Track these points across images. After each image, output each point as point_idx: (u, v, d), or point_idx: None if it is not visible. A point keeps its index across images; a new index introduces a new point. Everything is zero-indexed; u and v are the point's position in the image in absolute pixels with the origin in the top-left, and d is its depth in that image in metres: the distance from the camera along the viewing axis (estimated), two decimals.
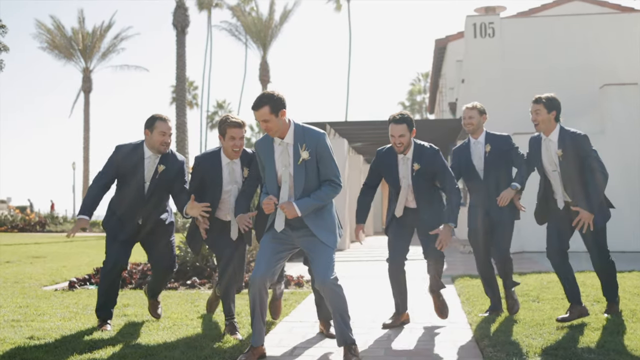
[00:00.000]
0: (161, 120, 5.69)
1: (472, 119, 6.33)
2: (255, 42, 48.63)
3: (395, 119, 5.66)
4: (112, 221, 5.88)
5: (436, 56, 27.89)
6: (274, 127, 4.66)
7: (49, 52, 46.46)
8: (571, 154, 5.65)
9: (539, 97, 5.82)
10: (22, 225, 34.82)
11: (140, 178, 5.73)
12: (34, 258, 13.94)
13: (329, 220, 4.81)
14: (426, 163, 5.70)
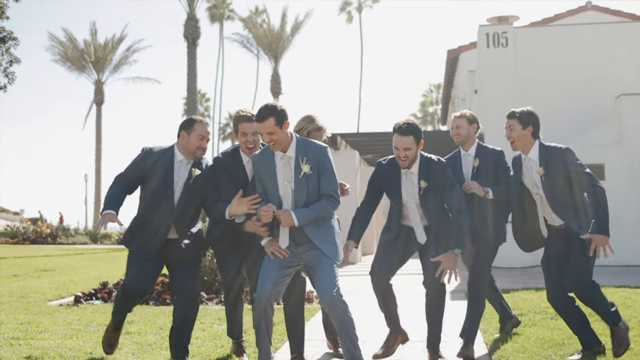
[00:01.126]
0: (200, 123, 5.14)
1: (459, 129, 5.70)
2: (267, 54, 48.67)
3: (401, 129, 5.00)
4: (136, 237, 5.13)
5: (448, 67, 27.65)
6: (278, 140, 4.50)
7: (61, 65, 46.75)
8: (555, 171, 5.04)
9: (512, 111, 5.24)
10: (33, 237, 34.84)
11: (169, 185, 5.07)
12: (42, 271, 13.81)
13: (331, 233, 4.66)
14: (435, 179, 5.08)
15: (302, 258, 4.66)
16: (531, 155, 5.19)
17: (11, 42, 25.91)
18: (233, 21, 56.24)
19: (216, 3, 55.60)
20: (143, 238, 5.09)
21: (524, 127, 5.17)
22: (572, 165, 5.01)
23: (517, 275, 12.27)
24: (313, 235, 4.57)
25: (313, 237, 4.57)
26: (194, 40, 33.08)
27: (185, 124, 5.17)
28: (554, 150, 5.10)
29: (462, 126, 5.71)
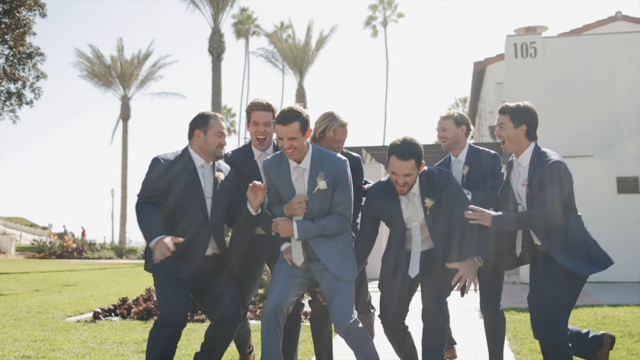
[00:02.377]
0: (215, 118, 4.55)
1: (446, 132, 5.08)
2: (292, 68, 48.66)
3: (400, 152, 4.26)
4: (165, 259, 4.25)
5: (475, 79, 27.30)
6: (299, 147, 4.19)
7: (88, 80, 47.14)
8: (538, 186, 4.28)
9: (505, 105, 4.52)
10: (59, 252, 35.02)
11: (200, 194, 4.45)
12: (63, 286, 13.71)
13: (340, 250, 4.30)
14: (441, 194, 4.38)
15: (316, 275, 4.37)
16: (522, 159, 4.45)
17: (38, 57, 26.10)
18: (259, 36, 56.49)
19: (242, 19, 55.88)
20: (176, 258, 4.28)
21: (516, 125, 4.42)
22: (550, 179, 4.23)
23: None
24: (320, 252, 4.27)
25: (320, 254, 4.27)
26: (218, 55, 33.14)
27: (198, 122, 4.57)
28: (544, 161, 4.32)
29: (448, 128, 5.10)
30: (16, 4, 21.64)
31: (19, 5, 21.70)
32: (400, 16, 57.25)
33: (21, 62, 25.79)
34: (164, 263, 4.22)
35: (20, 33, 22.65)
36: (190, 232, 4.38)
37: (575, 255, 4.26)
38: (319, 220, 4.24)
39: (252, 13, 56.65)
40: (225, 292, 4.53)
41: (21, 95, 24.86)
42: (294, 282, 4.30)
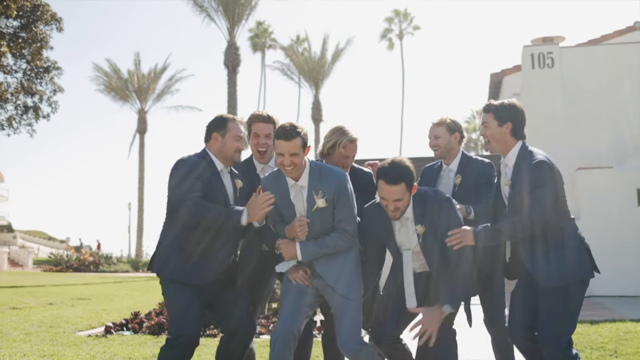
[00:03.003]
0: (234, 122, 4.37)
1: (438, 140, 4.79)
2: (308, 81, 48.68)
3: (389, 176, 3.95)
4: (186, 267, 4.15)
5: (491, 91, 27.03)
6: (299, 164, 4.03)
7: (105, 94, 47.46)
8: (523, 187, 3.99)
9: (489, 103, 4.29)
10: (76, 265, 35.11)
11: (226, 199, 4.29)
12: (77, 300, 13.65)
13: (343, 267, 4.13)
14: (434, 221, 4.07)
15: (323, 292, 4.21)
16: (508, 159, 4.19)
17: (55, 71, 26.30)
18: (275, 50, 56.59)
19: (258, 32, 56.03)
20: (195, 263, 4.17)
21: (500, 123, 4.19)
22: (536, 181, 3.94)
23: None
24: (323, 270, 4.13)
25: (323, 273, 4.12)
26: (234, 68, 33.21)
27: (216, 124, 4.37)
28: (528, 160, 4.05)
29: (441, 136, 4.80)
30: (33, 19, 21.79)
31: (36, 20, 21.85)
32: (416, 29, 57.18)
33: (38, 76, 25.99)
34: (182, 268, 4.12)
35: (37, 47, 22.82)
36: (212, 236, 4.18)
37: (554, 263, 3.99)
38: (322, 239, 4.09)
39: (269, 27, 56.79)
40: (239, 302, 4.38)
41: (38, 109, 25.06)
42: (303, 302, 4.16)
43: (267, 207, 4.10)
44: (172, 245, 4.22)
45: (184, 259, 4.17)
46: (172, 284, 4.21)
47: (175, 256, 4.19)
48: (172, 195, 4.22)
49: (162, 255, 4.23)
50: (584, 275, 4.06)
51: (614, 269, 11.88)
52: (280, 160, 4.02)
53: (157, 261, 4.28)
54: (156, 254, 4.32)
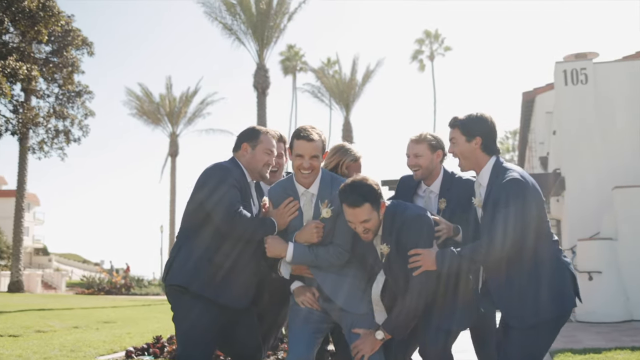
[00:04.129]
0: (266, 135, 4.14)
1: (419, 159, 4.22)
2: (338, 103, 48.61)
3: (349, 199, 3.64)
4: (214, 280, 3.89)
5: (524, 110, 26.62)
6: (317, 168, 3.87)
7: (138, 118, 47.94)
8: (490, 209, 3.63)
9: (454, 117, 3.91)
10: (108, 288, 35.25)
11: (256, 211, 4.07)
12: (103, 323, 13.53)
13: (354, 286, 3.90)
14: (399, 240, 3.72)
15: (333, 315, 3.98)
16: (482, 177, 3.81)
17: (86, 95, 26.66)
18: (305, 72, 56.78)
19: (289, 56, 56.33)
20: (228, 283, 3.90)
21: (469, 138, 3.81)
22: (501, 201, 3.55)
23: (609, 331, 11.04)
24: (331, 292, 3.88)
25: (331, 295, 3.88)
26: (263, 90, 33.25)
27: (247, 135, 4.15)
28: (501, 177, 3.66)
29: (422, 154, 4.23)
30: (64, 44, 22.08)
31: (67, 45, 22.15)
32: (447, 50, 56.94)
33: (70, 100, 26.35)
34: (212, 284, 3.84)
35: (69, 72, 23.10)
36: (241, 250, 3.95)
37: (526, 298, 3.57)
38: (316, 247, 3.86)
39: (299, 50, 57.12)
40: (250, 327, 4.15)
41: (68, 133, 25.38)
42: (312, 328, 3.92)
43: (292, 215, 3.93)
44: (203, 257, 3.91)
45: (213, 274, 3.89)
46: (199, 301, 3.88)
47: (207, 269, 3.89)
48: (207, 200, 3.90)
49: (191, 266, 3.90)
50: (561, 311, 3.66)
51: None
52: (299, 163, 3.84)
53: (182, 272, 3.91)
54: (179, 264, 3.94)
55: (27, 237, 57.45)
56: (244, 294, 4.02)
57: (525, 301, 3.57)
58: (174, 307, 3.99)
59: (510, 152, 70.36)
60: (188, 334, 3.91)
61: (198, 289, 3.87)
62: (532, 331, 3.59)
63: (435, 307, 3.77)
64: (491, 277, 3.70)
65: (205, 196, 3.91)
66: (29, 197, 59.86)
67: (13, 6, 17.51)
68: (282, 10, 32.80)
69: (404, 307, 3.67)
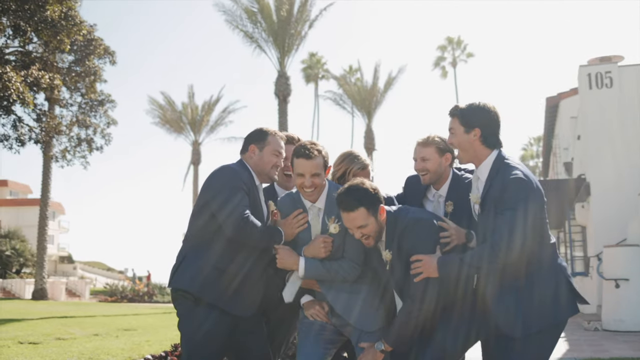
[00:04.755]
0: (275, 136, 4.03)
1: (426, 162, 4.03)
2: (360, 110, 48.48)
3: (343, 203, 3.54)
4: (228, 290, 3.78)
5: (548, 115, 26.28)
6: (320, 185, 3.75)
7: (160, 127, 48.20)
8: (491, 209, 3.43)
9: (454, 106, 3.70)
10: (131, 296, 35.37)
11: (261, 218, 3.90)
12: (123, 331, 13.50)
13: (364, 301, 3.76)
14: (401, 246, 3.56)
15: (342, 330, 3.86)
16: (480, 171, 3.59)
17: (109, 104, 26.86)
18: (327, 80, 56.78)
19: (311, 64, 56.39)
20: (241, 293, 3.81)
21: (468, 129, 3.59)
22: (506, 203, 3.33)
23: (637, 340, 10.76)
24: (341, 308, 3.76)
25: (341, 311, 3.75)
26: (284, 98, 33.22)
27: (255, 137, 4.03)
28: (502, 174, 3.42)
29: (429, 158, 4.03)
30: (87, 53, 22.24)
31: (90, 54, 22.30)
32: (469, 56, 56.60)
33: (93, 109, 26.55)
34: (226, 294, 3.73)
35: (91, 80, 23.26)
36: (256, 260, 3.85)
37: (523, 305, 3.37)
38: (328, 262, 3.74)
39: (321, 58, 57.16)
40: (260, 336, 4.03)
41: (91, 141, 25.56)
42: (324, 340, 3.82)
43: (301, 227, 3.82)
44: (216, 266, 3.77)
45: (227, 283, 3.77)
46: (212, 311, 3.76)
47: (221, 278, 3.77)
48: (215, 205, 3.77)
49: (206, 274, 3.75)
50: (559, 319, 3.47)
51: None
52: (300, 182, 3.73)
53: (195, 280, 3.76)
54: (192, 271, 3.78)
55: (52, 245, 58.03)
56: (256, 303, 3.92)
57: (523, 309, 3.38)
58: (184, 316, 3.85)
59: (535, 158, 69.69)
60: (198, 345, 3.78)
61: (213, 299, 3.75)
62: (531, 340, 3.40)
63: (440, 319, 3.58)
64: (486, 283, 3.48)
65: (212, 200, 3.80)
66: (54, 206, 60.45)
67: (35, 16, 17.65)
68: (302, 18, 32.78)
69: (404, 316, 3.50)
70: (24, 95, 17.16)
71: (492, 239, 3.32)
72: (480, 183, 3.59)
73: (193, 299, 3.77)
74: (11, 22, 17.64)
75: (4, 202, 62.59)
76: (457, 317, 3.55)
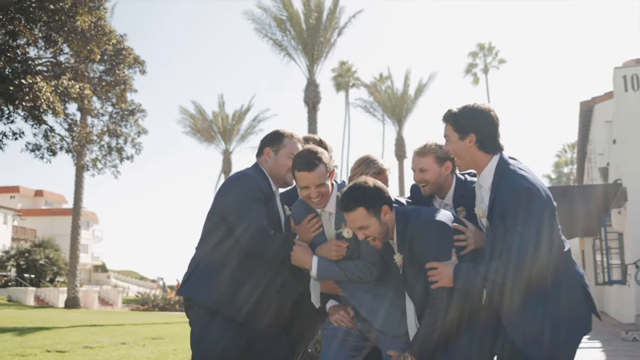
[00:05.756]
0: (291, 138, 3.87)
1: (425, 173, 3.80)
2: (390, 117, 48.23)
3: (342, 203, 3.39)
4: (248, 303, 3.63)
5: (582, 120, 25.74)
6: (326, 193, 3.59)
7: (191, 136, 48.47)
8: (499, 220, 3.18)
9: (448, 110, 3.46)
10: (162, 304, 35.51)
11: (280, 226, 3.80)
12: (151, 339, 13.45)
13: (391, 305, 3.57)
14: (412, 249, 3.33)
15: (369, 336, 3.67)
16: (483, 179, 3.35)
17: (139, 114, 27.05)
18: (358, 88, 56.66)
19: (341, 72, 56.31)
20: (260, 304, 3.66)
21: (462, 136, 3.35)
22: (512, 215, 3.08)
23: None
24: (366, 312, 3.58)
25: (367, 315, 3.58)
26: (314, 105, 33.12)
27: (270, 139, 3.88)
28: (507, 182, 3.19)
29: (428, 168, 3.79)
30: (117, 62, 22.41)
31: (119, 63, 22.46)
32: (501, 62, 55.96)
33: (123, 119, 26.76)
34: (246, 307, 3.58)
35: (122, 90, 23.41)
36: (276, 269, 3.72)
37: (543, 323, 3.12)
38: (342, 261, 3.58)
39: (352, 66, 57.03)
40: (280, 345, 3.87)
41: (121, 150, 25.74)
42: (348, 345, 3.65)
43: (316, 231, 3.67)
44: (235, 277, 3.62)
45: (246, 296, 3.63)
46: (231, 325, 3.62)
47: (239, 291, 3.62)
48: (231, 216, 3.63)
49: (223, 287, 3.60)
50: (579, 335, 3.24)
51: None
52: (305, 194, 3.58)
53: (212, 292, 3.60)
54: (207, 282, 3.63)
55: (86, 254, 58.69)
56: (277, 317, 3.77)
57: (540, 328, 3.14)
58: (198, 328, 3.69)
59: (569, 165, 68.64)
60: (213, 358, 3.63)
61: (234, 313, 3.61)
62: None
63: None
64: (501, 299, 3.22)
65: (229, 213, 3.66)
66: (88, 215, 61.18)
67: (66, 26, 17.79)
68: (332, 25, 32.69)
69: (427, 327, 3.28)
70: (54, 105, 17.29)
71: (512, 256, 3.07)
72: (484, 192, 3.37)
73: (209, 311, 3.63)
74: (43, 32, 17.80)
75: (40, 211, 63.58)
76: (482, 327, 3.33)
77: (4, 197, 62.33)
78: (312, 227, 3.68)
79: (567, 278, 3.24)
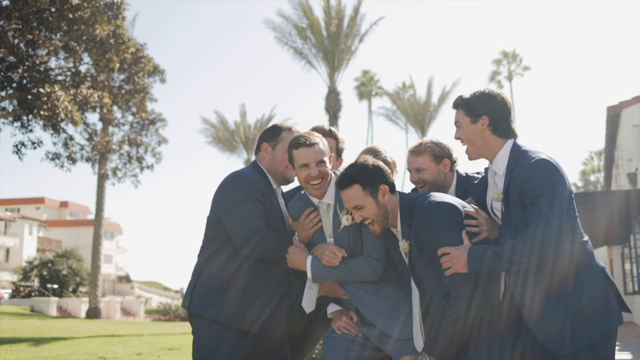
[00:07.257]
0: (289, 132, 3.64)
1: (421, 173, 3.59)
2: (413, 125, 47.87)
3: (338, 179, 3.22)
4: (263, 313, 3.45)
5: (609, 126, 25.19)
6: (326, 174, 3.34)
7: (213, 146, 48.49)
8: (517, 201, 2.99)
9: (459, 96, 3.31)
10: (183, 315, 35.38)
11: (281, 225, 3.58)
12: (167, 350, 13.23)
13: (395, 309, 3.29)
14: (419, 235, 3.09)
15: (375, 341, 3.39)
16: (497, 165, 3.17)
17: (160, 123, 27.03)
18: (381, 97, 56.41)
19: (364, 81, 56.11)
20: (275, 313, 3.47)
21: (474, 119, 3.18)
22: (534, 193, 2.89)
23: None
24: (362, 305, 3.32)
25: (363, 308, 3.32)
26: (335, 113, 32.87)
27: (268, 134, 3.67)
28: (523, 162, 3.01)
29: (425, 167, 3.60)
30: (136, 70, 22.38)
31: (138, 72, 22.43)
32: (525, 69, 55.39)
33: (144, 128, 26.74)
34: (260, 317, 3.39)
35: (141, 98, 23.39)
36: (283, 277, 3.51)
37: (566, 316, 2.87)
38: (344, 259, 3.29)
39: (374, 75, 56.81)
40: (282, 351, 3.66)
41: (141, 159, 25.70)
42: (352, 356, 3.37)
43: (315, 227, 3.42)
44: (245, 287, 3.42)
45: (244, 301, 3.42)
46: (245, 339, 3.42)
47: (253, 301, 3.42)
48: (226, 219, 3.43)
49: (237, 299, 3.39)
50: (609, 329, 2.94)
51: None
52: (305, 174, 3.33)
53: (225, 306, 3.39)
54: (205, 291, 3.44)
55: (110, 265, 58.93)
56: (278, 320, 3.51)
57: (567, 321, 2.88)
58: (209, 343, 3.46)
59: (596, 172, 67.59)
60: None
61: (249, 327, 3.42)
62: (580, 357, 2.90)
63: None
64: (519, 289, 2.95)
65: (224, 215, 3.45)
66: (112, 226, 61.46)
67: (85, 35, 17.77)
68: (352, 33, 32.45)
69: (446, 320, 2.96)
70: (72, 114, 17.23)
71: (532, 232, 2.82)
72: (498, 178, 3.16)
73: (221, 326, 3.41)
74: (62, 42, 17.81)
75: (65, 222, 64.00)
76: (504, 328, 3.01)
77: (29, 208, 62.86)
78: (311, 223, 3.42)
79: (594, 269, 3.00)
